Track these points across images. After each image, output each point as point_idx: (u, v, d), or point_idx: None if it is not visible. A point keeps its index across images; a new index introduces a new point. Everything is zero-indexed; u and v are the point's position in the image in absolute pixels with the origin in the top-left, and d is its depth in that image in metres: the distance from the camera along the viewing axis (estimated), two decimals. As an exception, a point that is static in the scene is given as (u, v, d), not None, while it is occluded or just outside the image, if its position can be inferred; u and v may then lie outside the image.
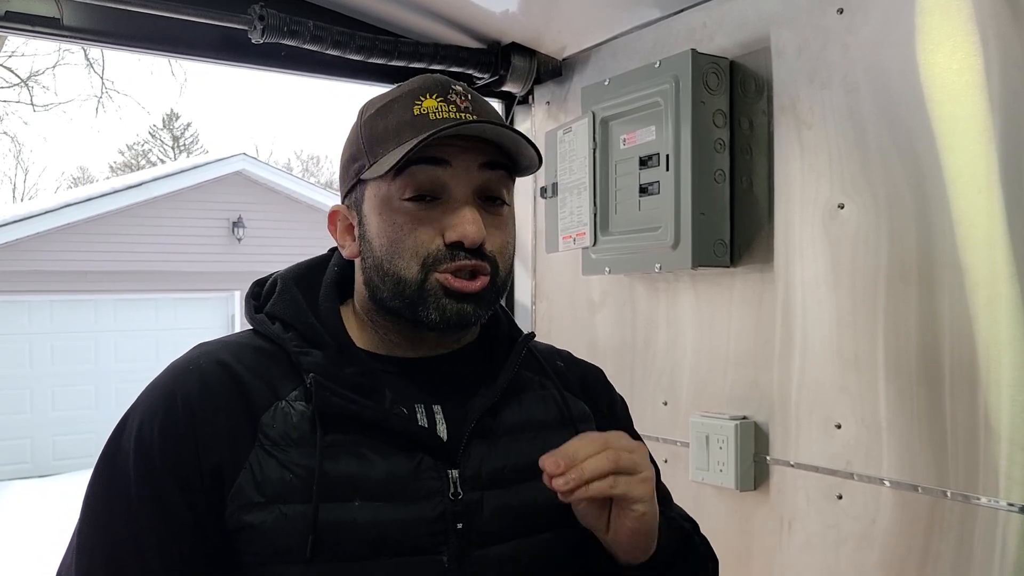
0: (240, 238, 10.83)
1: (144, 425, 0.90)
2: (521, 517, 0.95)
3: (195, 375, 0.92)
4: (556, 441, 0.98)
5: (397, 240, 0.93)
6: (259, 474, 0.88)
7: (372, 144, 0.94)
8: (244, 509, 0.87)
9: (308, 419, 0.90)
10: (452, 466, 0.93)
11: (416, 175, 0.92)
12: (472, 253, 0.92)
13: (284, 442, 0.89)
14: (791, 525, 1.52)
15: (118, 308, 10.13)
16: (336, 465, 0.89)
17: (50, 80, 24.59)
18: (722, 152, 1.60)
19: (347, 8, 1.93)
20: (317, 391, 0.90)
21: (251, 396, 0.91)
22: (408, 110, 0.93)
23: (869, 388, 1.39)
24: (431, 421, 0.95)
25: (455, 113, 0.92)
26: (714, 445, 1.61)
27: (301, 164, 31.53)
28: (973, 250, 1.25)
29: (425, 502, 0.90)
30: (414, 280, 0.92)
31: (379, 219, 0.94)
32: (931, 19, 1.31)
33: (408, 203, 0.92)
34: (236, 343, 0.98)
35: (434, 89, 0.94)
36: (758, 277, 1.59)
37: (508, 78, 2.04)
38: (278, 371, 0.93)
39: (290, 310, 0.97)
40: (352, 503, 0.88)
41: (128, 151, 28.38)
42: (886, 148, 1.37)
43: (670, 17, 1.77)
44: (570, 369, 1.12)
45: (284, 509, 0.87)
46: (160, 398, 0.92)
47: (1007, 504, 1.21)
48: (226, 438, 0.89)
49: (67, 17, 1.69)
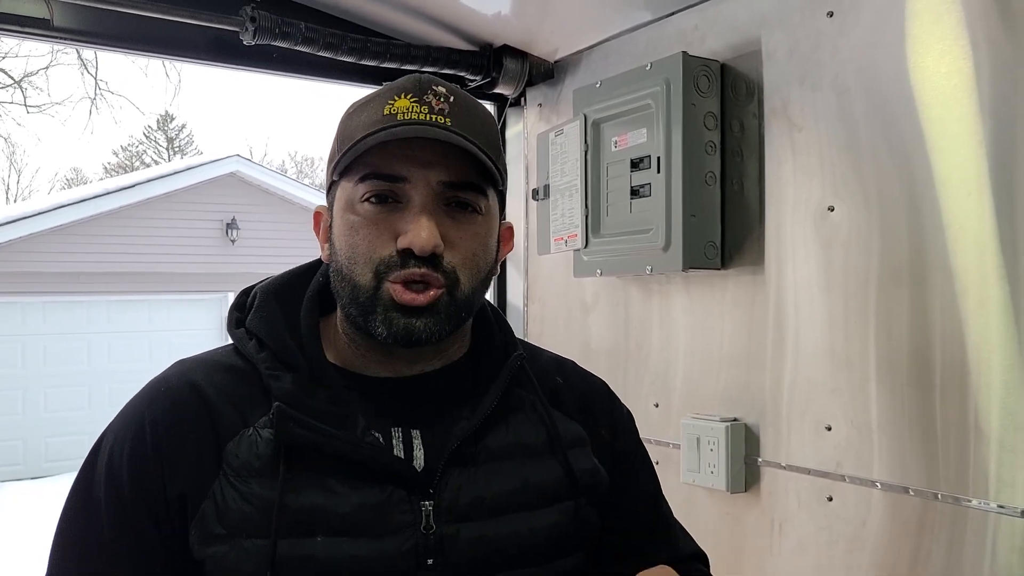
0: (234, 240, 10.80)
1: (114, 452, 0.89)
2: (501, 551, 0.90)
3: (165, 398, 0.90)
4: (541, 470, 0.95)
5: (354, 244, 0.89)
6: (220, 504, 0.85)
7: (342, 142, 0.91)
8: (206, 540, 0.85)
9: (273, 448, 0.86)
10: (426, 497, 0.88)
11: (375, 184, 0.88)
12: (424, 262, 0.87)
13: (246, 472, 0.86)
14: (782, 527, 1.52)
15: (112, 309, 10.10)
16: (297, 498, 0.85)
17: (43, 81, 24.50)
18: (713, 154, 1.60)
19: (339, 10, 1.92)
20: (280, 422, 0.86)
21: (219, 422, 0.88)
22: (380, 109, 0.89)
23: (860, 390, 1.39)
24: (408, 447, 0.90)
25: (426, 115, 0.88)
26: (705, 447, 1.61)
27: (295, 166, 31.48)
28: (963, 253, 1.25)
29: (394, 536, 0.86)
30: (368, 288, 0.88)
31: (342, 220, 0.91)
32: (921, 22, 1.31)
33: (367, 205, 0.89)
34: (212, 362, 0.95)
35: (411, 89, 0.90)
36: (750, 279, 1.59)
37: (500, 80, 2.05)
38: (250, 395, 0.90)
39: (265, 326, 0.94)
40: (314, 538, 0.84)
41: (122, 152, 28.30)
42: (877, 151, 1.38)
43: (661, 20, 1.77)
44: (569, 386, 1.05)
45: (244, 543, 0.84)
46: (131, 424, 0.90)
47: (997, 506, 1.21)
48: (191, 466, 0.87)
49: (57, 18, 1.68)
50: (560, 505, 0.95)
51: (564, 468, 0.97)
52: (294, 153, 44.61)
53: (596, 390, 1.09)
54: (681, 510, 1.74)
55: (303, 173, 30.05)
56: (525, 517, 0.92)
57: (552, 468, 0.96)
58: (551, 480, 0.95)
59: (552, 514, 0.94)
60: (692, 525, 1.15)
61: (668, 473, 1.71)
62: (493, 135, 0.94)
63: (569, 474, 0.97)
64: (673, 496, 1.70)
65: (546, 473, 0.96)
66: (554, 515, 0.94)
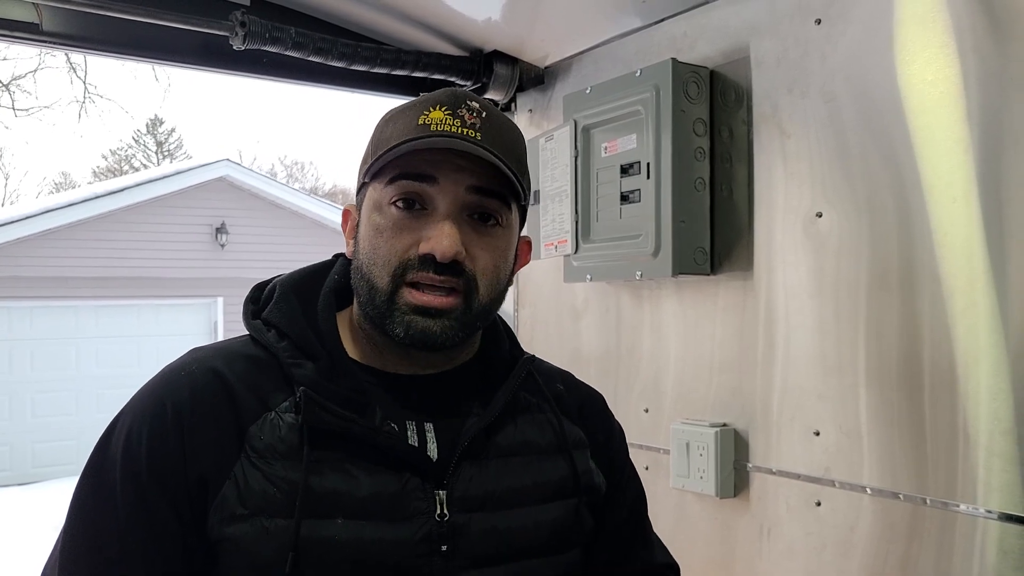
0: (223, 244, 10.78)
1: (132, 433, 0.90)
2: (509, 542, 0.94)
3: (186, 382, 0.92)
4: (549, 467, 1.00)
5: (377, 245, 0.93)
6: (243, 485, 0.87)
7: (376, 147, 0.95)
8: (226, 521, 0.86)
9: (296, 432, 0.89)
10: (440, 487, 0.91)
11: (405, 185, 0.92)
12: (445, 269, 0.90)
13: (270, 454, 0.88)
14: (771, 532, 1.52)
15: (100, 314, 10.05)
16: (321, 481, 0.88)
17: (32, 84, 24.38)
18: (702, 160, 1.61)
19: (329, 15, 1.92)
20: (307, 405, 0.88)
21: (240, 406, 0.90)
22: (415, 119, 0.93)
23: (849, 395, 1.40)
24: (422, 440, 0.94)
25: (459, 128, 0.91)
26: (695, 452, 1.61)
27: (285, 170, 31.41)
28: (951, 258, 1.26)
29: (410, 522, 0.89)
30: (385, 290, 0.92)
31: (368, 221, 0.94)
32: (909, 30, 1.32)
33: (394, 208, 0.92)
34: (230, 350, 0.97)
35: (447, 101, 0.93)
36: (739, 285, 1.59)
37: (490, 86, 2.05)
38: (270, 381, 0.93)
39: (286, 318, 0.97)
40: (335, 520, 0.87)
41: (111, 156, 28.20)
42: (865, 157, 1.38)
43: (651, 26, 1.78)
44: (570, 393, 1.10)
45: (266, 523, 0.86)
46: (149, 405, 0.91)
47: (985, 511, 1.21)
48: (212, 448, 0.88)
49: (46, 22, 1.67)
50: (564, 502, 1.00)
51: (569, 466, 1.02)
52: (284, 157, 44.57)
53: (595, 401, 1.14)
54: (671, 515, 1.74)
55: (293, 177, 29.99)
56: (531, 511, 0.97)
57: (558, 466, 1.01)
58: (557, 477, 1.00)
59: (556, 509, 0.99)
60: (681, 530, 1.16)
61: (658, 478, 1.71)
62: (521, 153, 0.99)
63: (574, 472, 1.02)
64: (663, 501, 1.70)
65: (552, 471, 1.00)
66: (558, 511, 0.99)
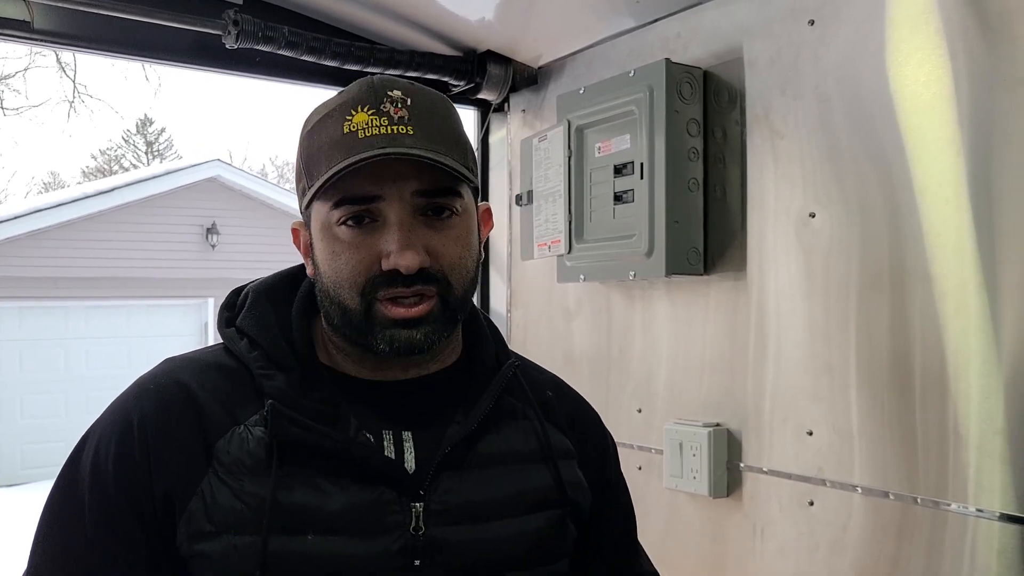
0: (214, 244, 10.74)
1: (100, 450, 0.89)
2: (488, 556, 0.91)
3: (153, 396, 0.90)
4: (533, 475, 0.97)
5: (337, 268, 0.89)
6: (210, 501, 0.85)
7: (308, 164, 0.91)
8: (194, 537, 0.85)
9: (265, 446, 0.87)
10: (416, 499, 0.89)
11: (350, 208, 0.88)
12: (414, 280, 0.87)
13: (237, 469, 0.86)
14: (764, 532, 1.53)
15: (89, 315, 9.99)
16: (290, 496, 0.86)
17: (21, 83, 24.25)
18: (696, 161, 1.61)
19: (322, 14, 1.92)
20: (274, 419, 0.86)
21: (207, 420, 0.88)
22: (339, 126, 0.88)
23: (841, 395, 1.40)
24: (399, 449, 0.91)
25: (387, 127, 0.86)
26: (688, 452, 1.62)
27: (276, 170, 31.32)
28: (942, 259, 1.27)
29: (384, 536, 0.87)
30: (358, 311, 0.89)
31: (322, 244, 0.91)
32: (900, 32, 1.32)
33: (344, 228, 0.88)
34: (202, 361, 0.95)
35: (367, 100, 0.88)
36: (732, 285, 1.60)
37: (484, 86, 2.05)
38: (240, 393, 0.90)
39: (258, 327, 0.94)
40: (305, 536, 0.85)
41: (101, 156, 28.06)
42: (857, 158, 1.39)
43: (645, 27, 1.78)
44: (560, 402, 1.06)
45: (234, 540, 0.84)
46: (117, 420, 0.90)
47: (976, 510, 1.22)
48: (178, 463, 0.87)
49: (37, 20, 1.66)
50: (547, 512, 0.97)
51: (554, 476, 0.98)
52: (275, 157, 44.34)
53: (588, 413, 1.11)
54: (664, 516, 1.74)
55: (284, 178, 29.87)
56: (513, 523, 0.93)
57: (542, 475, 0.98)
58: (540, 487, 0.97)
59: (539, 520, 0.96)
60: (675, 531, 1.16)
61: (651, 479, 1.71)
62: (457, 131, 0.93)
63: (558, 482, 0.98)
64: (656, 502, 1.70)
65: (536, 480, 0.97)
66: (541, 521, 0.96)
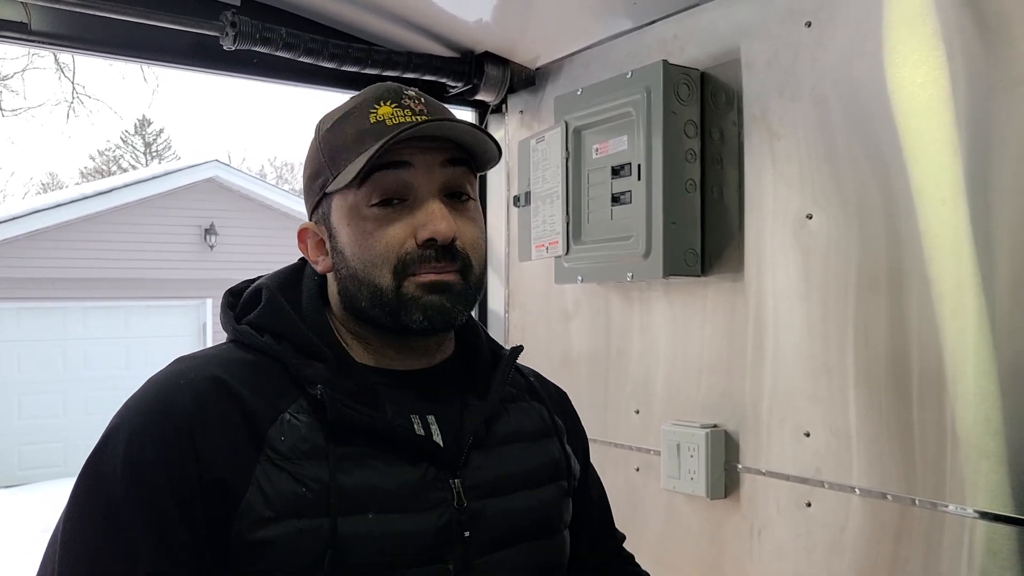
0: (212, 245, 10.73)
1: (134, 441, 0.86)
2: (519, 524, 0.99)
3: (187, 390, 0.88)
4: (544, 450, 1.06)
5: (368, 247, 0.93)
6: (268, 489, 0.86)
7: (333, 156, 0.95)
8: (256, 525, 0.85)
9: (317, 431, 0.89)
10: (454, 476, 0.94)
11: (381, 180, 0.92)
12: (443, 253, 0.92)
13: (295, 455, 0.87)
14: (761, 533, 1.53)
15: (88, 315, 9.98)
16: (349, 478, 0.88)
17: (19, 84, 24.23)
18: (693, 162, 1.61)
19: (320, 16, 1.92)
20: (330, 403, 0.89)
21: (251, 410, 0.88)
22: (365, 119, 0.94)
23: (839, 396, 1.40)
24: (427, 432, 0.96)
25: (410, 116, 0.94)
26: (685, 453, 1.61)
27: (275, 171, 31.33)
28: (939, 260, 1.27)
29: (432, 511, 0.92)
30: (389, 288, 0.93)
31: (349, 229, 0.94)
32: (898, 33, 1.32)
33: (376, 208, 0.93)
34: (222, 356, 0.94)
35: (387, 96, 0.95)
36: (729, 286, 1.60)
37: (481, 87, 2.05)
38: (272, 384, 0.91)
39: (282, 321, 0.96)
40: (366, 515, 0.88)
41: (99, 157, 28.04)
42: (855, 159, 1.39)
43: (642, 28, 1.78)
44: (541, 385, 1.15)
45: (299, 524, 0.85)
46: (152, 412, 0.88)
47: (974, 511, 1.22)
48: (228, 452, 0.86)
49: (35, 22, 1.66)
50: (556, 484, 1.06)
51: (559, 450, 1.08)
52: (273, 158, 44.43)
53: (560, 393, 1.20)
54: (661, 517, 1.74)
55: (282, 178, 29.90)
56: (533, 494, 1.02)
57: (549, 450, 1.07)
58: (549, 461, 1.06)
59: (550, 491, 1.04)
60: (672, 532, 1.16)
61: (648, 480, 1.71)
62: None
63: (563, 455, 1.08)
64: (653, 502, 1.70)
65: (543, 455, 1.06)
66: (552, 492, 1.05)
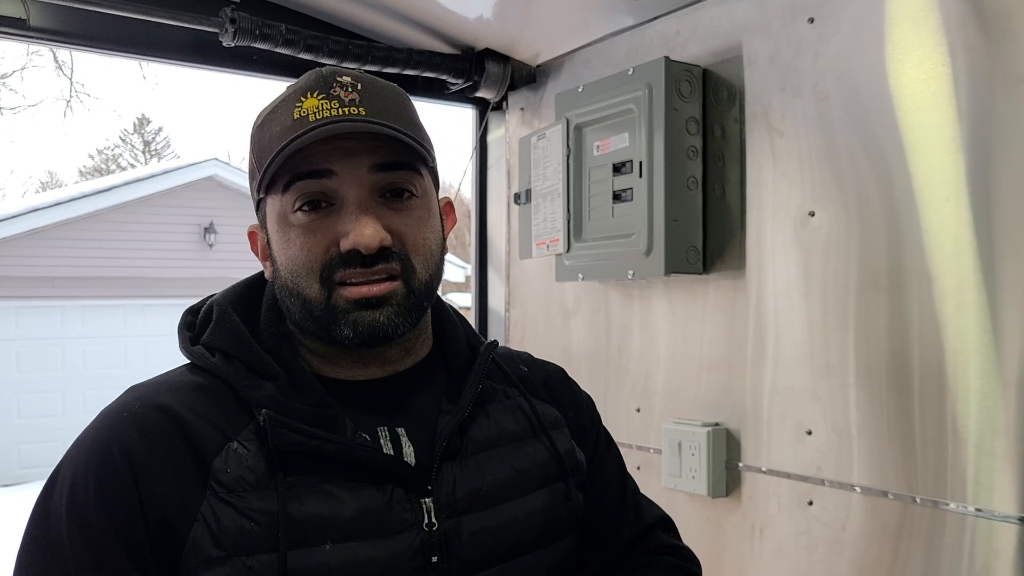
0: (212, 244, 10.71)
1: (77, 483, 0.81)
2: (501, 540, 0.91)
3: (129, 423, 0.83)
4: (529, 453, 0.96)
5: (294, 256, 0.86)
6: (215, 525, 0.80)
7: (260, 156, 0.88)
8: (202, 566, 0.79)
9: (264, 459, 0.83)
10: (425, 494, 0.87)
11: (303, 188, 0.85)
12: (374, 259, 0.85)
13: (240, 487, 0.81)
14: (763, 531, 1.52)
15: (86, 314, 9.97)
16: (301, 507, 0.82)
17: (18, 82, 24.23)
18: (695, 159, 1.61)
19: (320, 12, 1.91)
20: (272, 428, 0.82)
21: (197, 440, 0.83)
22: (289, 113, 0.86)
23: (840, 395, 1.40)
24: (396, 446, 0.89)
25: (338, 109, 0.85)
26: (686, 452, 1.61)
27: (274, 170, 31.25)
28: (941, 257, 1.26)
29: (401, 536, 0.85)
30: (319, 300, 0.86)
31: (278, 236, 0.88)
32: (900, 29, 1.32)
33: (301, 214, 0.86)
34: (172, 383, 0.89)
35: (316, 86, 0.87)
36: (730, 284, 1.59)
37: (482, 84, 2.04)
38: (223, 410, 0.86)
39: (231, 339, 0.89)
40: (323, 546, 0.82)
41: (98, 155, 28.03)
42: (856, 156, 1.39)
43: (644, 25, 1.78)
44: (533, 372, 1.06)
45: (247, 561, 0.80)
46: (92, 451, 0.83)
47: (975, 509, 1.22)
48: (173, 489, 0.81)
49: (34, 18, 1.66)
50: (550, 487, 0.97)
51: (550, 450, 0.98)
52: (273, 157, 44.21)
53: (558, 374, 1.10)
54: (662, 515, 1.72)
55: (282, 177, 29.81)
56: (519, 504, 0.93)
57: (538, 451, 0.98)
58: (539, 463, 0.97)
59: (544, 497, 0.95)
60: (674, 529, 1.15)
61: (649, 478, 1.71)
62: (411, 114, 0.92)
63: (556, 455, 0.98)
64: (655, 501, 1.69)
65: (533, 456, 0.97)
66: (546, 498, 0.96)
